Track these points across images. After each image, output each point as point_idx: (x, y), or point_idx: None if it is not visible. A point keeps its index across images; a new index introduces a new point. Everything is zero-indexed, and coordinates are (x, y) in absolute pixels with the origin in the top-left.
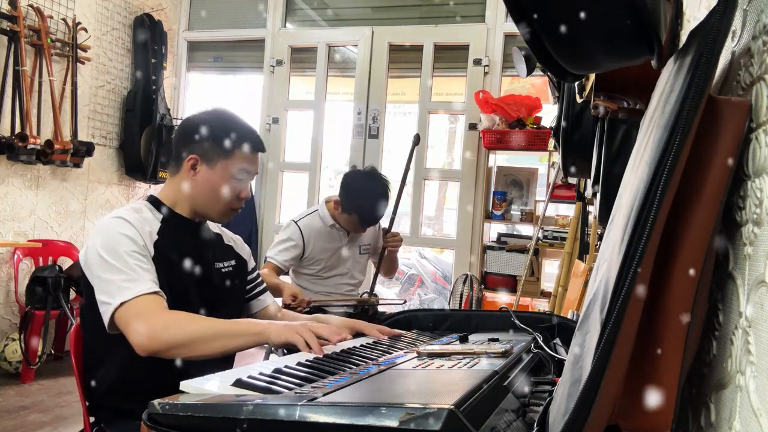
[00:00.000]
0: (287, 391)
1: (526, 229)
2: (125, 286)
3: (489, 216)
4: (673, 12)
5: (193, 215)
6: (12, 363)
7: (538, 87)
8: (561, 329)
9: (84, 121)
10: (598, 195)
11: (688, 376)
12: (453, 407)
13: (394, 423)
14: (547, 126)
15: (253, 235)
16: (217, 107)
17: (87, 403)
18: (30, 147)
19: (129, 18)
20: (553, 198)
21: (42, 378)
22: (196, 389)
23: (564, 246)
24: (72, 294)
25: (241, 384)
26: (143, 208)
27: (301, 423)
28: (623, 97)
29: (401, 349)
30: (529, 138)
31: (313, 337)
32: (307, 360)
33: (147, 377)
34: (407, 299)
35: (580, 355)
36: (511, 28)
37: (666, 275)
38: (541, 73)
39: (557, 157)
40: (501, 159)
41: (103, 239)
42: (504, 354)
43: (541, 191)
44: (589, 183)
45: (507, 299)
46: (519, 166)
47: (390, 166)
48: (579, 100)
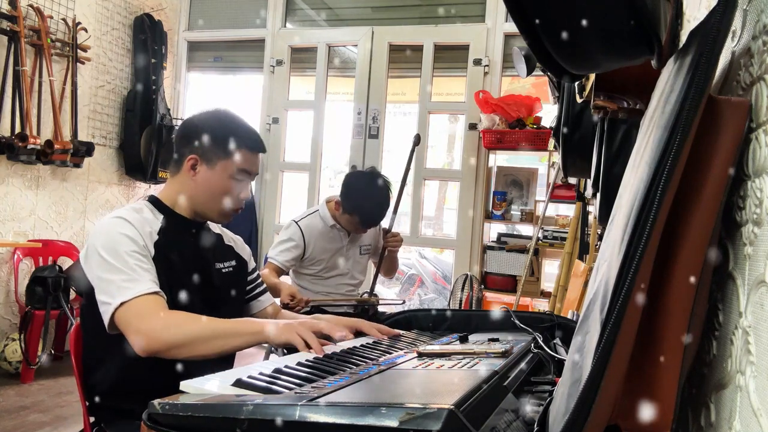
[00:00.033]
0: (287, 391)
1: (526, 229)
2: (125, 286)
3: (489, 216)
4: (673, 12)
5: (194, 215)
6: (12, 363)
7: (538, 87)
8: (561, 329)
9: (84, 121)
10: (598, 195)
11: (688, 376)
12: (453, 407)
13: (394, 423)
14: (547, 126)
15: (253, 235)
16: (219, 108)
17: (87, 403)
18: (30, 147)
19: (129, 18)
20: (553, 198)
21: (42, 378)
22: (196, 389)
23: (564, 246)
24: (72, 294)
25: (241, 384)
26: (144, 208)
27: (301, 423)
28: (623, 97)
29: (401, 349)
30: (529, 138)
31: (313, 337)
32: (307, 360)
33: (147, 377)
34: (407, 299)
35: (580, 355)
36: (511, 28)
37: (666, 275)
38: (541, 73)
39: (557, 157)
40: (501, 159)
41: (104, 239)
42: (504, 354)
43: (541, 191)
44: (589, 183)
45: (507, 299)
46: (519, 166)
47: (390, 166)
48: (579, 100)
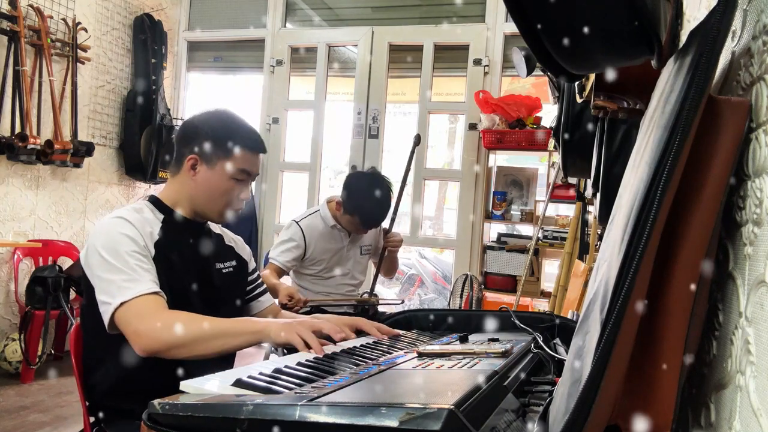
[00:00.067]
0: (287, 391)
1: (526, 229)
2: (125, 286)
3: (489, 216)
4: (673, 12)
5: (194, 215)
6: (12, 363)
7: (538, 87)
8: (561, 329)
9: (84, 121)
10: (598, 195)
11: (688, 376)
12: (453, 407)
13: (394, 423)
14: (547, 126)
15: (253, 235)
16: (219, 108)
17: (87, 403)
18: (30, 147)
19: (129, 18)
20: (553, 198)
21: (42, 378)
22: (196, 389)
23: (564, 246)
24: (72, 294)
25: (241, 384)
26: (144, 208)
27: (301, 423)
28: (623, 97)
29: (401, 349)
30: (529, 138)
31: (313, 337)
32: (307, 360)
33: (147, 377)
34: (406, 299)
35: (580, 355)
36: (511, 28)
37: (666, 275)
38: (541, 73)
39: (557, 157)
40: (501, 159)
41: (104, 239)
42: (504, 354)
43: (541, 191)
44: (589, 183)
45: (507, 299)
46: (519, 166)
47: (390, 166)
48: (579, 100)
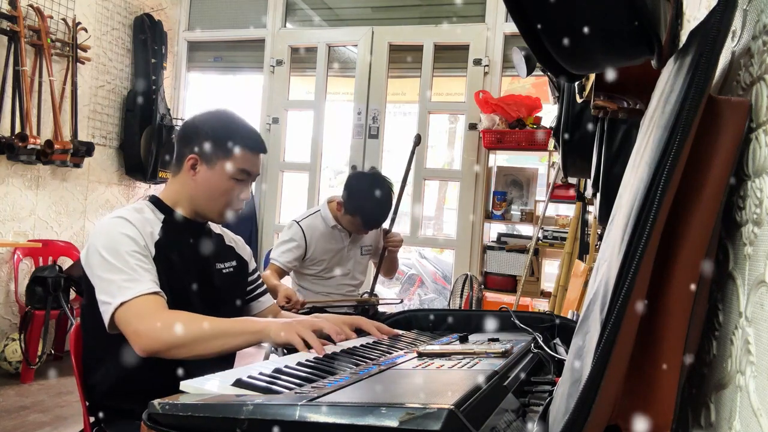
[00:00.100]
0: (287, 391)
1: (526, 229)
2: (126, 286)
3: (489, 216)
4: (673, 12)
5: (194, 215)
6: (12, 363)
7: (538, 87)
8: (561, 329)
9: (84, 121)
10: (598, 195)
11: (688, 376)
12: (453, 407)
13: (394, 423)
14: (547, 126)
15: (253, 235)
16: (219, 108)
17: (87, 403)
18: (30, 147)
19: (129, 18)
20: (553, 198)
21: (42, 378)
22: (196, 389)
23: (564, 246)
24: (72, 294)
25: (241, 384)
26: (145, 208)
27: (301, 423)
28: (623, 97)
29: (401, 349)
30: (529, 138)
31: (313, 337)
32: (307, 360)
33: (147, 377)
34: (405, 299)
35: (580, 355)
36: (511, 28)
37: (666, 275)
38: (541, 73)
39: (557, 157)
40: (501, 159)
41: (105, 239)
42: (504, 354)
43: (541, 191)
44: (589, 183)
45: (507, 299)
46: (519, 166)
47: (390, 166)
48: (579, 100)
